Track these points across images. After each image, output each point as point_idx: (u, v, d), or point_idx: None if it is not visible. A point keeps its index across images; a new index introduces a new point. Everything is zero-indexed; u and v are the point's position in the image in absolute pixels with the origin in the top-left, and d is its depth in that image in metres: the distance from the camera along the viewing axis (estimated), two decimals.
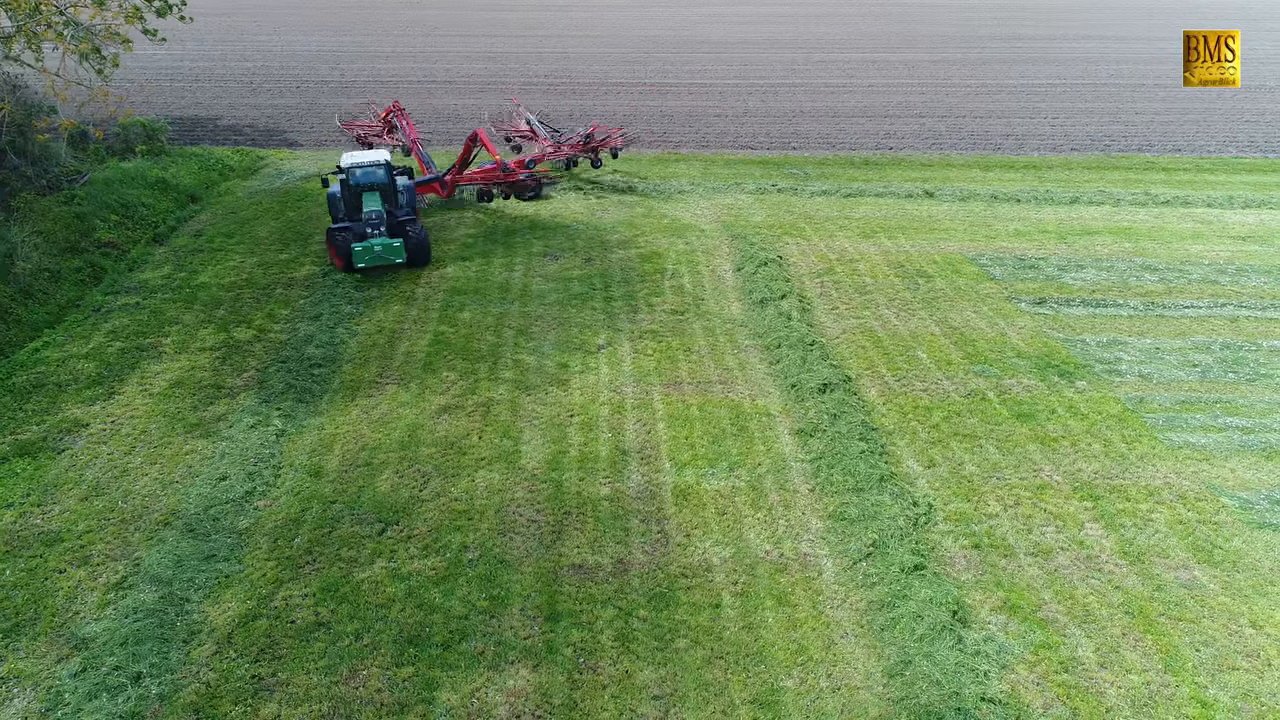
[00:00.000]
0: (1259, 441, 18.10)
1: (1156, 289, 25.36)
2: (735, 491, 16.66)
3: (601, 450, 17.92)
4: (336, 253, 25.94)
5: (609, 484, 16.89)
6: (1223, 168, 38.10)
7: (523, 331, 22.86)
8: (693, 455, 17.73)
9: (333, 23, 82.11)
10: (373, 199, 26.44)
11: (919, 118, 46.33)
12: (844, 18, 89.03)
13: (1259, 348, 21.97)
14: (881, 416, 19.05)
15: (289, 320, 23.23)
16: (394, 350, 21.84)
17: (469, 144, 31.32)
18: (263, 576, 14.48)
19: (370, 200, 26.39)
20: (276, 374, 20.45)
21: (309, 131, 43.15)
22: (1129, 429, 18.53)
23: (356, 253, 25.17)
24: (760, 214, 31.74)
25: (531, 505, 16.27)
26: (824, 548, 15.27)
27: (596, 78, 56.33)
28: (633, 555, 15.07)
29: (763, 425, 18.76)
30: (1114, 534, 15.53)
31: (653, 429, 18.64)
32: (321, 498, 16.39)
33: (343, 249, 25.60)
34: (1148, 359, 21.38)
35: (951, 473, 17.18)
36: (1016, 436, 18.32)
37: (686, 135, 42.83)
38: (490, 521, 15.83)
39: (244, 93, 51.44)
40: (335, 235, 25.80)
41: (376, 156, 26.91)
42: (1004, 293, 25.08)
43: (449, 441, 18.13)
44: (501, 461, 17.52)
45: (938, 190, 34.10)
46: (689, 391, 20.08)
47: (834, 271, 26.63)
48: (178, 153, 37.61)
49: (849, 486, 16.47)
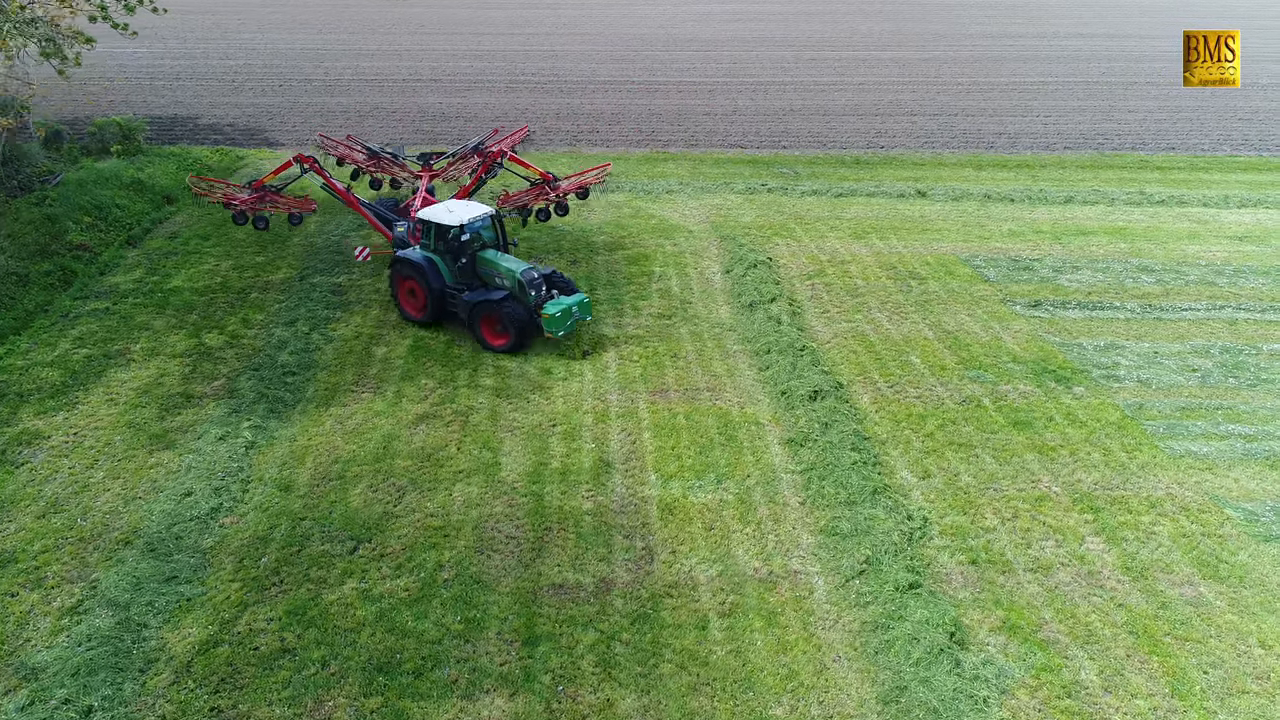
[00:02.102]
0: (1262, 450, 17.55)
1: (1153, 291, 24.82)
2: (723, 505, 16.03)
3: (584, 461, 17.26)
4: (502, 328, 20.92)
5: (592, 497, 16.23)
6: (1218, 166, 37.64)
7: None
8: (679, 466, 17.08)
9: (318, 20, 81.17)
10: (501, 257, 22.06)
11: (910, 116, 45.77)
12: (835, 16, 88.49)
13: (1259, 351, 21.44)
14: (874, 425, 18.44)
15: (263, 325, 22.50)
16: (371, 356, 21.13)
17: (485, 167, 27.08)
18: (226, 599, 13.78)
19: (499, 258, 21.93)
20: (248, 382, 19.71)
21: (290, 131, 42.33)
22: (1129, 437, 17.96)
23: (554, 318, 20.64)
24: (750, 214, 31.11)
25: (511, 520, 15.60)
26: (815, 564, 14.65)
27: (584, 76, 55.62)
28: (615, 573, 14.42)
29: (751, 435, 18.12)
30: (1116, 548, 14.95)
31: (638, 439, 17.99)
32: (291, 514, 15.68)
33: (517, 320, 20.76)
34: (1146, 364, 20.82)
35: (947, 484, 16.58)
36: (1013, 445, 17.73)
37: (675, 134, 42.18)
38: (467, 538, 15.16)
39: (225, 91, 50.54)
40: (496, 308, 20.72)
41: (479, 208, 22.49)
42: (998, 295, 24.50)
43: (425, 453, 17.44)
44: (480, 474, 16.84)
45: (930, 190, 33.52)
46: (676, 399, 19.43)
47: (825, 273, 26.01)
48: (155, 152, 36.76)
49: (841, 499, 15.85)
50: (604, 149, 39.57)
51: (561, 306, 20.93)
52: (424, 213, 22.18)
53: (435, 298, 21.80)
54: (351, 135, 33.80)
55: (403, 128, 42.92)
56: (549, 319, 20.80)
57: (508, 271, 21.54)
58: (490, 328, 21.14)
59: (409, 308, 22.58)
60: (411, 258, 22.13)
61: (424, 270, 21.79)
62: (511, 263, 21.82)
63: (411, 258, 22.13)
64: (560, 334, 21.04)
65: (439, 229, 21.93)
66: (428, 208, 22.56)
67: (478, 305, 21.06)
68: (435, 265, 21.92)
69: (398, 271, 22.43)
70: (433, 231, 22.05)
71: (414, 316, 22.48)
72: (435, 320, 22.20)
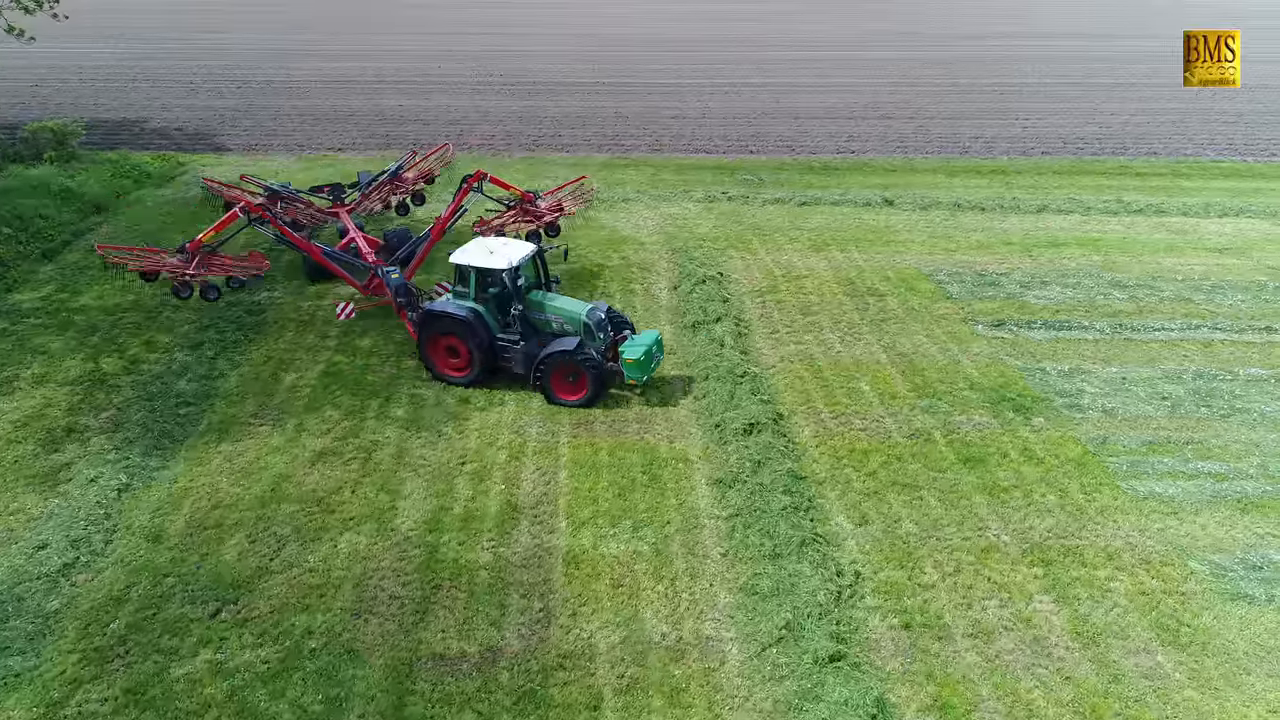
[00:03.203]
0: (1233, 491, 16.05)
1: (1125, 308, 23.33)
2: (636, 557, 14.48)
3: (490, 506, 15.71)
4: (576, 380, 18.50)
5: (492, 548, 14.68)
6: (1199, 173, 36.18)
7: None
8: (594, 512, 15.54)
9: (291, 19, 79.56)
10: (554, 298, 19.59)
11: (885, 119, 44.28)
12: (823, 16, 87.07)
13: (1234, 377, 19.95)
14: (812, 462, 16.90)
15: (167, 349, 20.90)
16: (278, 384, 19.56)
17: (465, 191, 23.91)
18: (60, 675, 12.20)
19: (552, 299, 19.48)
20: (137, 414, 18.15)
21: (241, 135, 40.77)
22: (1089, 476, 16.45)
23: (637, 363, 18.38)
24: (707, 224, 29.57)
25: (397, 577, 14.04)
26: (730, 629, 13.11)
27: (552, 77, 54.08)
28: (506, 640, 12.88)
29: (677, 474, 16.58)
30: (1066, 609, 13.43)
31: (553, 479, 16.44)
32: (154, 569, 14.11)
33: (597, 370, 18.34)
34: (1113, 391, 19.32)
35: (885, 532, 15.05)
36: (962, 486, 16.20)
37: (640, 138, 40.63)
38: (346, 598, 13.60)
39: (181, 93, 48.97)
40: (571, 359, 18.22)
41: (521, 245, 19.69)
42: (961, 313, 22.99)
43: (317, 496, 15.87)
44: (372, 521, 15.28)
45: (898, 198, 32.01)
46: (601, 433, 17.88)
47: (777, 290, 24.48)
48: (90, 158, 35.16)
49: (765, 552, 14.30)
50: (564, 154, 38.08)
51: (642, 348, 18.51)
52: (460, 256, 19.03)
53: (486, 354, 19.00)
54: (246, 175, 28.98)
55: (357, 131, 41.39)
56: (632, 364, 18.40)
57: (569, 315, 19.00)
58: (563, 381, 18.52)
59: (447, 369, 19.39)
60: (452, 311, 18.85)
61: (471, 325, 18.69)
62: (569, 303, 19.36)
63: (452, 311, 18.85)
64: (644, 380, 18.79)
65: (482, 274, 18.84)
66: (462, 252, 19.18)
67: (549, 358, 18.30)
68: (482, 317, 18.99)
69: (431, 329, 19.12)
70: (473, 277, 18.89)
71: (455, 378, 19.29)
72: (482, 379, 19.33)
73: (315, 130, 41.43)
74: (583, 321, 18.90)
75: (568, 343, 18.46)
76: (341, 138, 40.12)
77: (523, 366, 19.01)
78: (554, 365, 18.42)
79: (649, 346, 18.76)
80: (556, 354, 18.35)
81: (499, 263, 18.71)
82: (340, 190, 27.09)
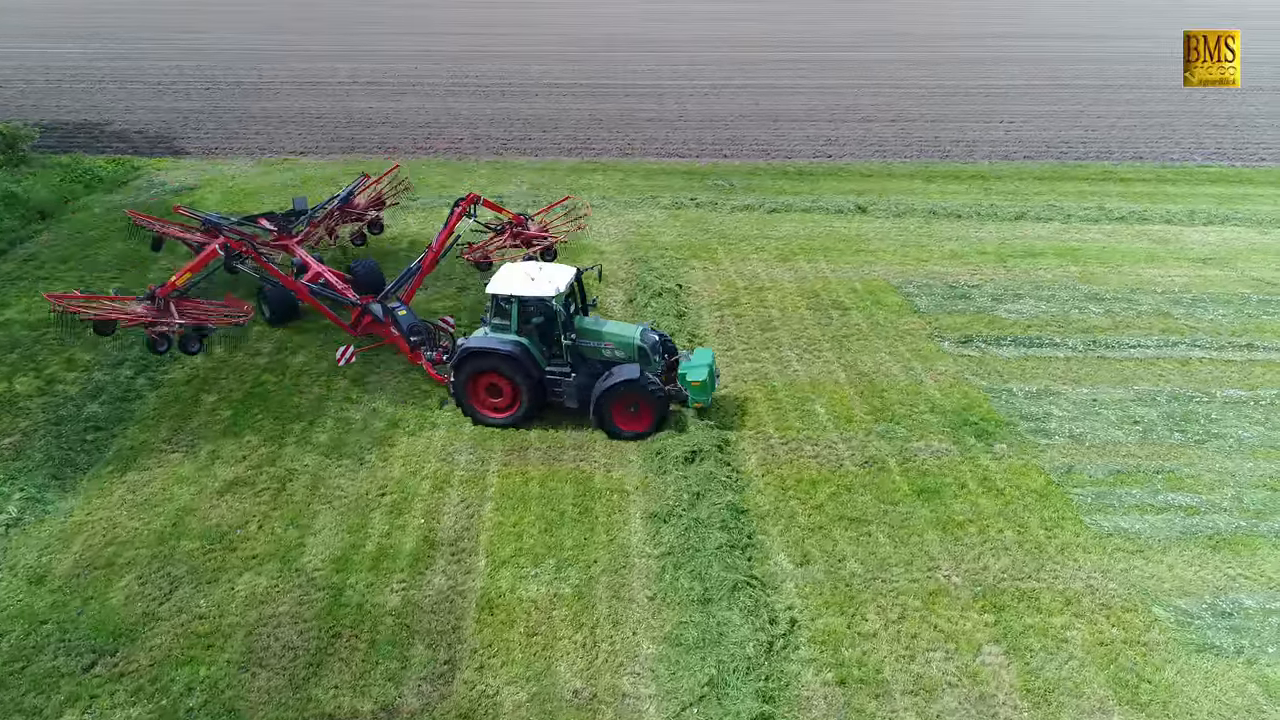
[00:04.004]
0: (1205, 526, 14.97)
1: (1100, 323, 22.25)
2: (556, 601, 13.39)
3: (406, 542, 14.62)
4: (638, 410, 17.17)
5: (402, 590, 13.59)
6: (1185, 178, 35.11)
7: (359, 381, 19.51)
8: (517, 549, 14.45)
9: (269, 17, 78.47)
10: (601, 323, 18.36)
11: (866, 122, 43.20)
12: (813, 16, 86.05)
13: (1212, 399, 18.87)
14: (757, 494, 15.81)
15: (87, 368, 19.80)
16: (197, 406, 18.45)
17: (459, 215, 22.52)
18: None
19: (599, 324, 18.20)
20: (42, 440, 17.06)
21: (202, 138, 39.66)
22: (1050, 510, 15.36)
23: (703, 386, 17.28)
24: (671, 233, 28.49)
25: (295, 624, 12.95)
26: (650, 684, 12.02)
27: (530, 78, 53.00)
28: (403, 698, 11.78)
29: (610, 507, 15.49)
30: (1017, 661, 12.34)
31: (477, 512, 15.35)
32: (31, 616, 13.01)
33: (662, 397, 17.20)
34: (1082, 414, 18.24)
35: (828, 573, 13.96)
36: (915, 521, 15.11)
37: (612, 142, 39.53)
38: (235, 648, 12.51)
39: (148, 95, 47.87)
40: (637, 387, 16.89)
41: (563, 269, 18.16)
42: (927, 329, 21.91)
43: (220, 532, 14.77)
44: (276, 560, 14.18)
45: (872, 205, 30.94)
46: (535, 460, 16.79)
47: (738, 303, 23.39)
48: (41, 162, 34.06)
49: (694, 596, 13.23)
50: (531, 157, 37.01)
51: (704, 369, 17.39)
52: (498, 286, 17.39)
53: (535, 390, 17.53)
54: (180, 206, 26.07)
55: (322, 134, 40.28)
56: (698, 387, 17.26)
57: (621, 340, 17.66)
58: (624, 411, 17.21)
59: (488, 410, 17.74)
60: (495, 347, 17.29)
61: (519, 360, 17.21)
62: (618, 327, 18.12)
63: (495, 347, 17.29)
64: (708, 403, 17.76)
65: (525, 303, 17.36)
66: (499, 281, 17.53)
67: (612, 389, 16.97)
68: (529, 350, 17.57)
69: (469, 368, 17.44)
70: (515, 308, 17.43)
71: (498, 419, 17.67)
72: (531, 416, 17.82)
73: (279, 133, 40.34)
74: (636, 346, 17.61)
75: (630, 370, 17.16)
76: (305, 141, 39.02)
77: (576, 400, 17.58)
78: (615, 395, 17.06)
79: (709, 366, 17.64)
80: (620, 384, 16.96)
81: (545, 290, 17.17)
82: (287, 220, 24.67)
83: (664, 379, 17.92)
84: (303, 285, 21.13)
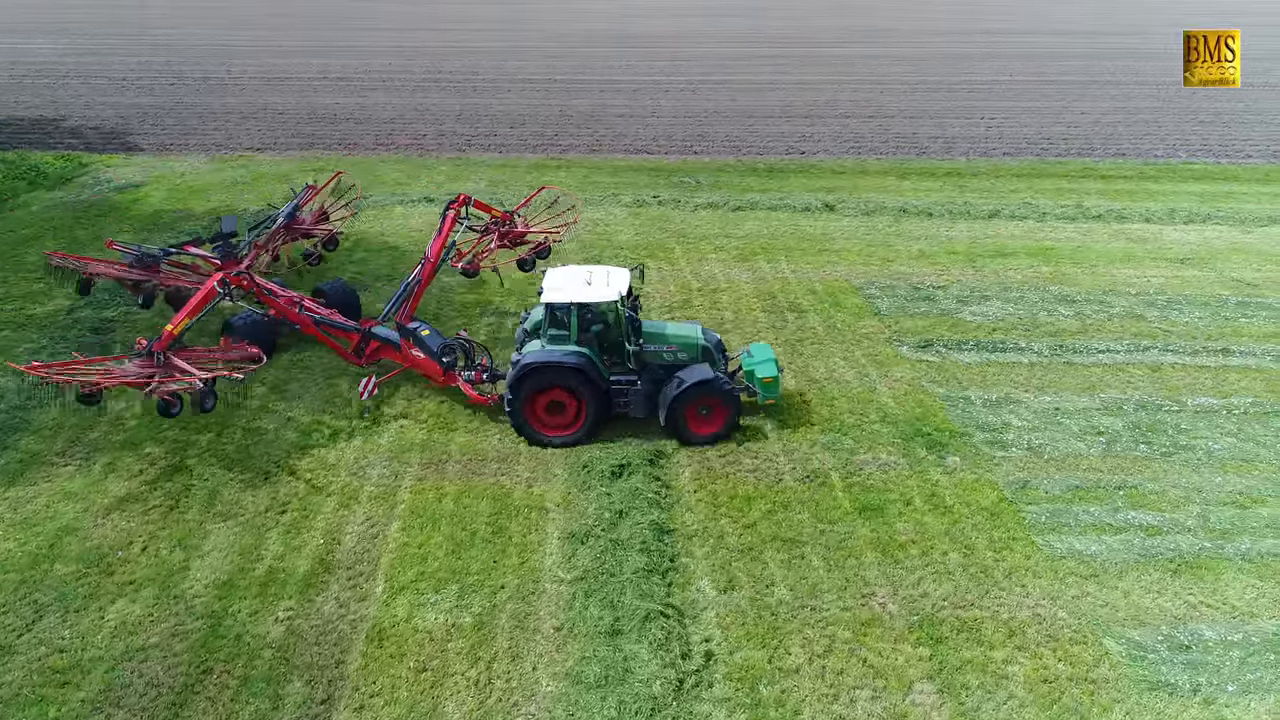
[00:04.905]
0: (1165, 548, 13.84)
1: (1069, 326, 21.15)
2: (454, 631, 12.26)
3: (300, 565, 13.48)
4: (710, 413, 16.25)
5: (288, 619, 12.45)
6: (1168, 175, 34.01)
7: (279, 388, 18.37)
8: (419, 573, 13.31)
9: (246, 14, 77.30)
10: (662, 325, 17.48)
11: (843, 118, 42.10)
12: (807, 11, 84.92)
13: (1182, 407, 17.76)
14: (686, 511, 14.68)
15: None
16: (103, 413, 17.25)
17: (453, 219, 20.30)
18: None
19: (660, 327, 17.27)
20: None
21: (157, 134, 38.52)
22: (1000, 529, 14.24)
23: (774, 382, 16.68)
24: (629, 231, 27.37)
25: (164, 656, 11.81)
26: None
27: (504, 74, 51.90)
28: None
29: (527, 526, 14.36)
30: (951, 701, 11.22)
31: (382, 532, 14.21)
32: None
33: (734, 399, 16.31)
34: (1042, 424, 17.12)
35: (753, 600, 12.82)
36: (853, 541, 13.99)
37: (580, 138, 38.41)
38: (93, 685, 11.37)
39: (109, 90, 46.75)
40: (712, 389, 16.01)
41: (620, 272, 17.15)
42: (886, 333, 20.79)
43: (100, 553, 13.63)
44: (156, 584, 13.04)
45: (840, 203, 29.82)
46: (452, 474, 15.66)
47: (690, 305, 22.27)
48: None
49: (603, 627, 12.11)
50: (495, 154, 35.91)
51: (771, 364, 16.78)
52: (553, 295, 16.17)
53: (602, 403, 16.31)
54: (114, 241, 22.42)
55: (282, 130, 39.15)
56: (769, 383, 16.61)
57: (686, 341, 16.77)
58: (695, 415, 16.21)
59: (549, 429, 16.35)
60: (560, 360, 15.99)
61: (585, 372, 15.99)
62: (678, 328, 17.27)
63: (560, 360, 15.99)
64: (780, 398, 17.15)
65: (586, 310, 16.11)
66: (552, 289, 16.32)
67: (685, 392, 15.91)
68: (593, 361, 16.31)
69: (527, 386, 16.05)
70: (574, 316, 16.11)
71: (562, 437, 16.31)
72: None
73: (238, 129, 39.21)
74: (701, 345, 16.79)
75: (702, 371, 16.25)
76: (263, 137, 37.88)
77: (644, 409, 16.57)
78: (688, 400, 16.06)
79: (774, 361, 16.96)
80: (693, 386, 15.94)
81: (607, 295, 16.06)
82: (227, 243, 20.85)
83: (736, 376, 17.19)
84: (305, 317, 18.29)
